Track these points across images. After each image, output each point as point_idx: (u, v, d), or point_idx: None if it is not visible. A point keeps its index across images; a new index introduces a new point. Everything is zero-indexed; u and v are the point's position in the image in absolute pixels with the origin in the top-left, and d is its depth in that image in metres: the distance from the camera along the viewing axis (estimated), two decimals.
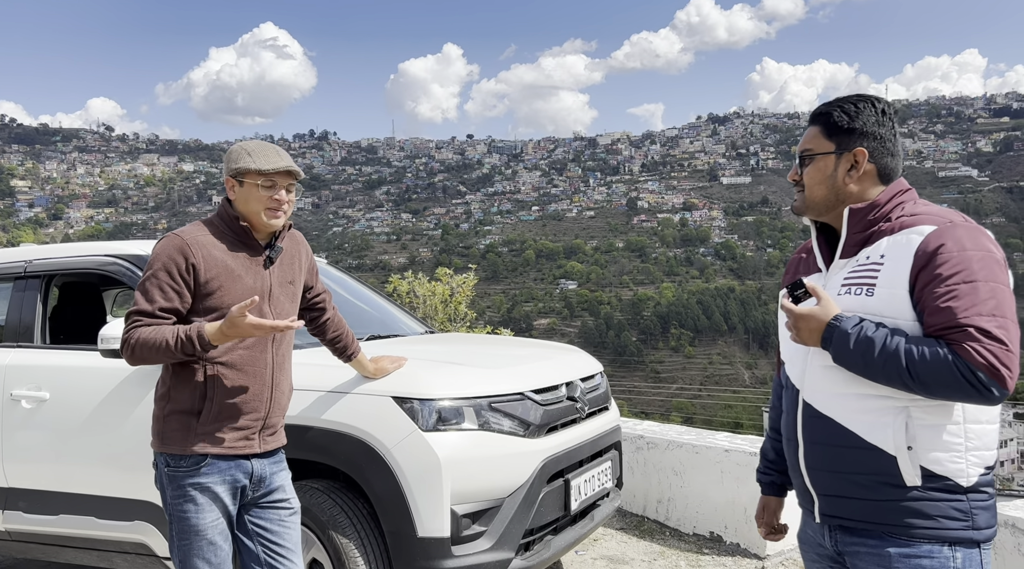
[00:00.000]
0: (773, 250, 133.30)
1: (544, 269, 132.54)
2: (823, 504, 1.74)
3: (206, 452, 2.26)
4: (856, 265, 1.72)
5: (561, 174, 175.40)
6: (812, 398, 1.75)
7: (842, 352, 1.64)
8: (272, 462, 2.43)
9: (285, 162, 2.32)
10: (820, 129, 1.82)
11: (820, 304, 1.69)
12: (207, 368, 2.27)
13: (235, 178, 2.33)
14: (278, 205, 2.32)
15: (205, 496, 2.27)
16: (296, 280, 2.50)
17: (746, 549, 4.31)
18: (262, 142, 2.39)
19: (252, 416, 2.33)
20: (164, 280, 2.23)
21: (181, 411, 2.28)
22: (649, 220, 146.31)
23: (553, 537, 3.31)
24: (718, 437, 4.73)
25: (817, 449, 1.73)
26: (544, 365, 3.54)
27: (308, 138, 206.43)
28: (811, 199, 1.82)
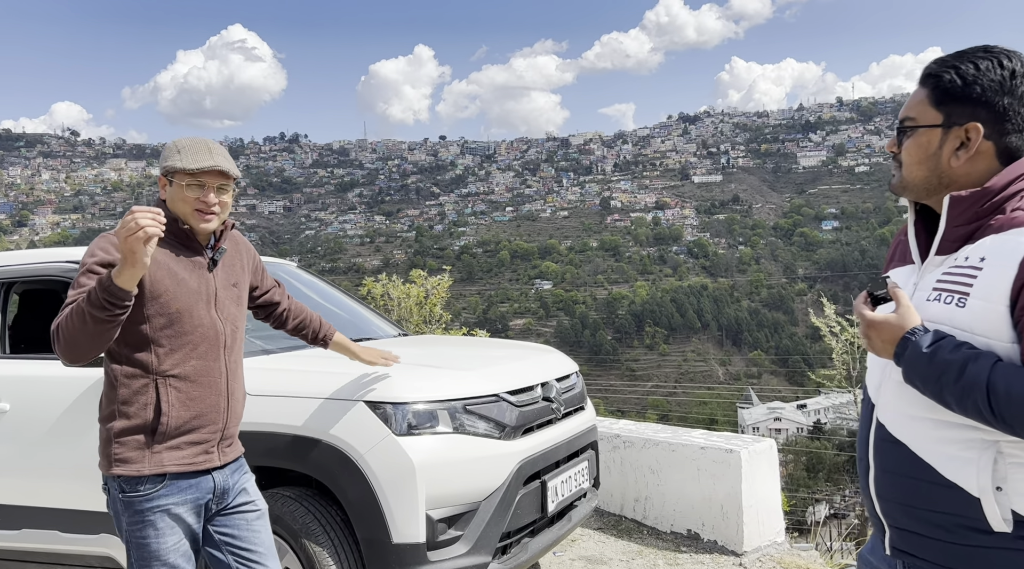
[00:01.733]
0: (744, 247, 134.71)
1: (519, 269, 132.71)
2: (895, 537, 1.50)
3: (164, 471, 2.09)
4: (953, 265, 1.42)
5: (534, 174, 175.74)
6: (885, 417, 1.50)
7: (913, 373, 1.38)
8: (232, 470, 2.30)
9: (215, 161, 2.14)
10: (927, 93, 1.47)
11: (899, 311, 1.42)
12: (158, 382, 2.11)
13: (165, 177, 2.18)
14: (206, 207, 2.15)
15: (166, 519, 2.11)
16: (240, 282, 2.37)
17: (724, 546, 4.32)
18: (197, 139, 2.21)
19: (210, 429, 2.19)
20: (96, 269, 2.04)
21: (133, 430, 2.10)
22: (622, 219, 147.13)
23: (530, 539, 3.28)
24: (694, 434, 4.73)
25: (888, 478, 1.48)
26: (519, 366, 3.51)
27: (279, 141, 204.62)
28: (908, 180, 1.51)
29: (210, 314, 2.21)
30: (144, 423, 2.11)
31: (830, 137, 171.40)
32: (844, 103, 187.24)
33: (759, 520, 4.30)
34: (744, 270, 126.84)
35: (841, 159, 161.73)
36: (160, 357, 2.12)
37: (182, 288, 2.15)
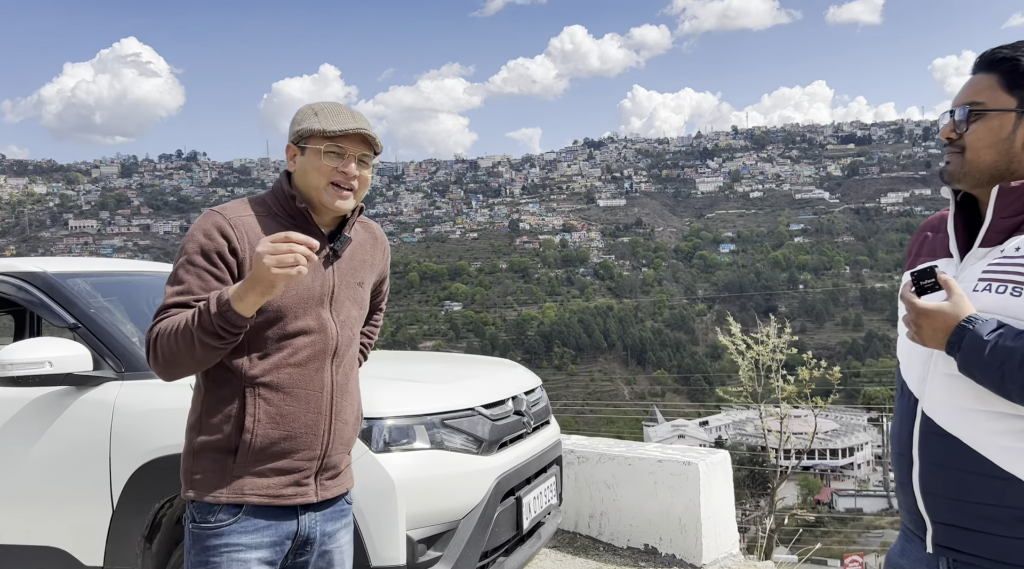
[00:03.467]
0: (647, 269, 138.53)
1: (428, 291, 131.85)
2: (939, 533, 1.47)
3: (241, 501, 1.72)
4: (1001, 257, 1.42)
5: (444, 196, 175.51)
6: (934, 411, 1.47)
7: (973, 361, 1.36)
8: (328, 517, 1.86)
9: (358, 123, 1.80)
10: (998, 78, 1.47)
11: (951, 300, 1.40)
12: (246, 391, 1.73)
13: (296, 144, 1.81)
14: (345, 179, 1.79)
15: (233, 564, 1.71)
16: (366, 281, 1.96)
17: (682, 560, 4.32)
18: (335, 102, 1.86)
19: (305, 454, 1.78)
20: (201, 264, 1.71)
21: (213, 447, 1.74)
22: (531, 241, 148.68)
23: (505, 559, 3.18)
24: (649, 448, 4.74)
25: (937, 472, 1.45)
26: (491, 379, 3.42)
27: (175, 158, 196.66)
28: (974, 164, 1.48)
29: (321, 315, 1.81)
30: (225, 440, 1.73)
31: (726, 164, 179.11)
32: (739, 131, 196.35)
33: (716, 532, 4.33)
34: (647, 291, 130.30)
35: (736, 185, 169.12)
36: (252, 360, 1.74)
37: (292, 283, 1.71)
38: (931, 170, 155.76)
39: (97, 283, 3.36)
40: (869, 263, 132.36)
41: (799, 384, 8.39)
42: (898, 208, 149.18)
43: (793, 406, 8.78)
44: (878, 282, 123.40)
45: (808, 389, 8.47)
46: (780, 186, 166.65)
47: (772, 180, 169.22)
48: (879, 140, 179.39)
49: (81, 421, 2.91)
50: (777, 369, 8.53)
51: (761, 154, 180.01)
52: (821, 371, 8.49)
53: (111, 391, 2.93)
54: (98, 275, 3.47)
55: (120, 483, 2.85)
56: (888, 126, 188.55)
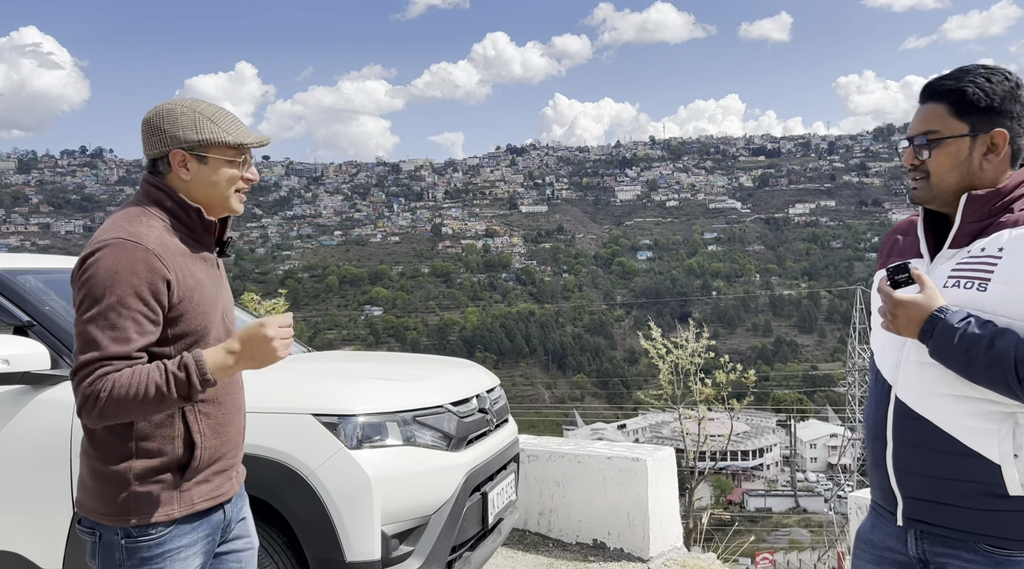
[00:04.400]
0: (568, 275, 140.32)
1: (348, 295, 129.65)
2: (909, 508, 1.62)
3: (196, 510, 1.76)
4: (967, 257, 1.58)
5: (364, 199, 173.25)
6: (906, 396, 1.61)
7: (943, 348, 1.50)
8: (238, 496, 1.96)
9: (258, 133, 1.85)
10: (948, 108, 1.62)
11: (924, 292, 1.55)
12: (186, 411, 1.75)
13: (193, 152, 1.77)
14: (247, 185, 1.85)
15: (176, 565, 1.75)
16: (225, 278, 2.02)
17: (630, 553, 4.47)
18: (220, 107, 1.84)
19: (234, 452, 1.88)
20: (137, 308, 1.62)
21: (158, 469, 1.72)
22: (453, 246, 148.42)
23: (471, 553, 3.25)
24: (598, 446, 4.87)
25: (910, 451, 1.60)
26: (455, 377, 3.48)
27: (79, 155, 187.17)
28: (941, 187, 1.63)
29: (225, 322, 1.86)
30: (173, 460, 1.73)
31: (644, 173, 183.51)
32: (656, 142, 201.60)
33: (662, 526, 4.50)
34: (568, 297, 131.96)
35: (654, 194, 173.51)
36: None
37: (204, 297, 1.77)
38: (835, 182, 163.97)
39: (49, 280, 3.24)
40: (778, 271, 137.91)
41: (716, 387, 8.66)
42: (805, 218, 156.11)
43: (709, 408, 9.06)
44: (786, 289, 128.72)
45: (725, 392, 8.74)
46: (695, 196, 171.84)
47: (687, 190, 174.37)
48: (787, 153, 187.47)
49: (40, 421, 2.82)
50: (695, 372, 8.77)
51: (677, 164, 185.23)
52: (737, 374, 8.77)
53: (71, 391, 2.84)
54: (49, 272, 3.35)
55: None
56: (796, 140, 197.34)
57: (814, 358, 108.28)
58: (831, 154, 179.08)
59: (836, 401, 67.62)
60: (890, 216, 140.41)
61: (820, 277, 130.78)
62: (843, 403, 52.22)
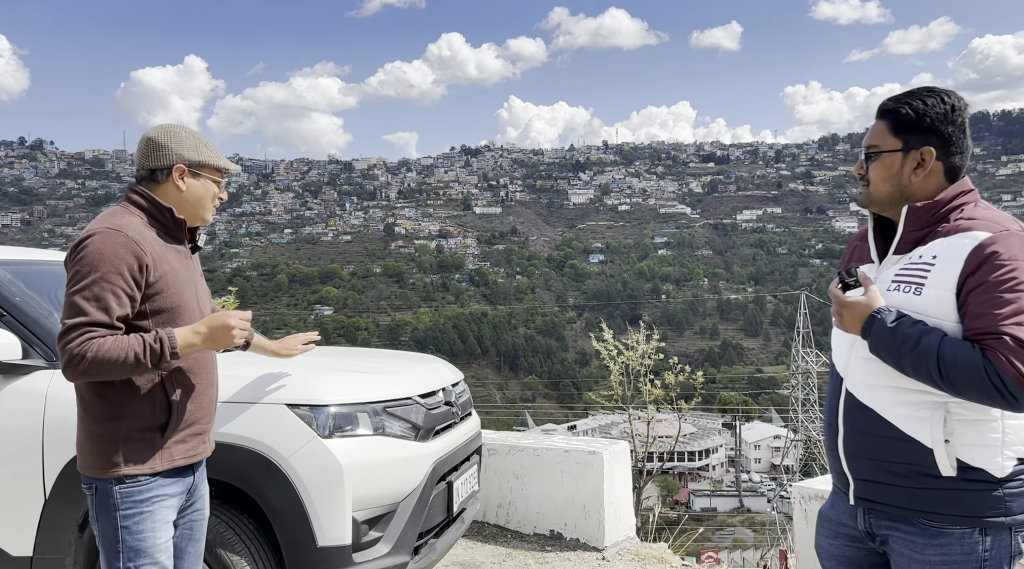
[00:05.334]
0: (521, 277, 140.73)
1: (298, 294, 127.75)
2: (859, 488, 1.80)
3: (175, 466, 2.15)
4: (908, 263, 1.75)
5: (316, 197, 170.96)
6: (854, 387, 1.80)
7: (878, 344, 1.68)
8: (200, 467, 2.35)
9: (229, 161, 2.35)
10: (887, 125, 1.80)
11: (867, 294, 1.74)
12: (164, 378, 2.13)
13: (191, 169, 2.22)
14: (220, 203, 2.33)
15: (162, 512, 2.13)
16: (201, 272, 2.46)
17: (586, 543, 4.63)
18: (194, 132, 2.30)
19: (206, 419, 2.28)
20: (118, 284, 2.01)
21: (143, 428, 2.11)
22: (406, 246, 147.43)
23: (436, 540, 3.36)
24: (555, 440, 5.03)
25: (857, 437, 1.78)
26: (423, 370, 3.59)
27: (18, 146, 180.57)
28: (875, 195, 1.82)
29: (199, 304, 2.27)
30: (153, 421, 2.12)
31: (597, 177, 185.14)
32: (609, 146, 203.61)
33: (617, 517, 4.68)
34: (521, 298, 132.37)
35: (606, 198, 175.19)
36: None
37: (178, 280, 2.18)
38: (782, 190, 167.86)
39: (18, 272, 3.25)
40: (725, 276, 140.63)
41: (666, 389, 8.85)
42: (752, 224, 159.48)
43: (658, 409, 9.25)
44: (733, 293, 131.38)
45: (674, 393, 8.95)
46: (646, 200, 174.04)
47: (639, 194, 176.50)
48: (736, 160, 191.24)
49: (11, 410, 2.84)
50: (645, 374, 8.95)
51: (629, 169, 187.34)
52: (686, 376, 8.97)
53: (42, 380, 2.88)
54: (15, 263, 3.35)
55: (54, 473, 2.81)
56: (744, 147, 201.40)
57: (759, 361, 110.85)
58: (778, 162, 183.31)
59: (780, 403, 69.29)
60: (834, 224, 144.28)
61: (766, 282, 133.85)
62: (787, 405, 53.51)
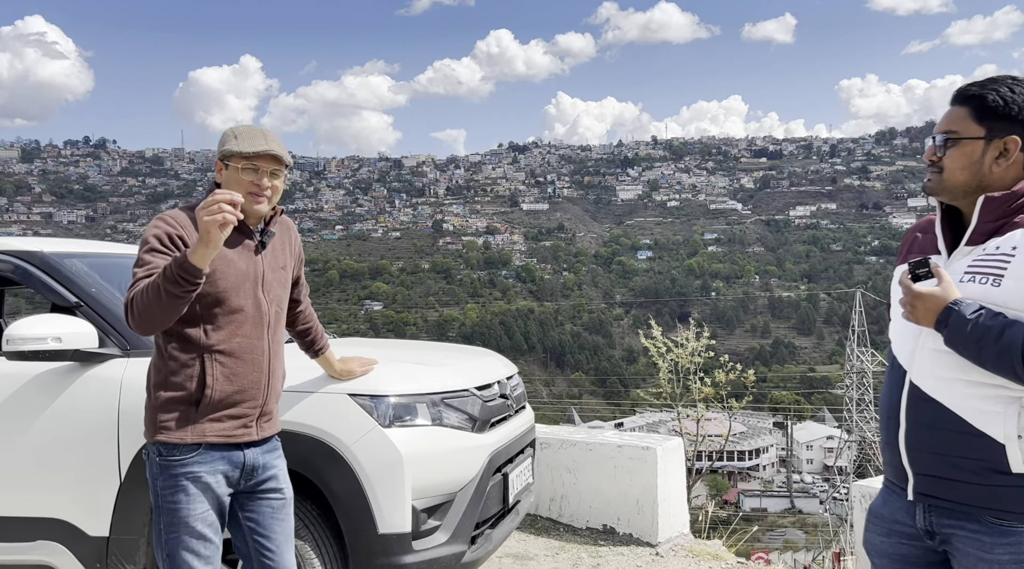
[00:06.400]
0: (568, 273, 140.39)
1: (348, 290, 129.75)
2: (919, 483, 1.76)
3: (202, 441, 2.22)
4: (983, 254, 1.71)
5: (366, 194, 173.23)
6: (920, 380, 1.75)
7: (956, 336, 1.65)
8: (265, 450, 2.39)
9: (269, 146, 2.29)
10: (970, 111, 1.76)
11: (942, 285, 1.69)
12: (204, 356, 2.23)
13: (222, 161, 2.32)
14: (259, 190, 2.30)
15: (196, 486, 2.22)
16: (287, 266, 2.49)
17: (639, 538, 4.63)
18: (251, 125, 2.39)
19: (250, 404, 2.31)
20: (160, 249, 2.19)
21: (178, 401, 2.23)
22: (454, 242, 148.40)
23: (492, 530, 3.40)
24: (608, 434, 5.03)
25: (921, 431, 1.74)
26: (479, 363, 3.64)
27: (83, 145, 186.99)
28: (950, 182, 1.77)
29: (256, 294, 2.32)
30: (189, 394, 2.22)
31: (645, 173, 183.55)
32: (658, 142, 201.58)
33: (670, 513, 4.66)
34: (567, 295, 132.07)
35: (655, 194, 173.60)
36: (208, 333, 2.24)
37: (231, 268, 2.26)
38: (836, 185, 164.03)
39: (93, 264, 3.40)
40: (777, 273, 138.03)
41: (715, 387, 8.74)
42: (805, 221, 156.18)
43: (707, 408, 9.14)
44: (785, 291, 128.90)
45: (724, 391, 8.83)
46: (696, 196, 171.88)
47: (688, 190, 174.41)
48: (789, 155, 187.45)
49: (89, 397, 2.97)
50: (695, 372, 8.86)
51: (679, 165, 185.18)
52: (736, 374, 8.85)
53: (117, 368, 3.00)
54: (93, 256, 3.50)
55: (128, 457, 2.93)
56: (798, 142, 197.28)
57: (812, 360, 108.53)
58: (833, 157, 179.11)
59: (833, 403, 67.78)
60: (891, 220, 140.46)
61: (819, 279, 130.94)
62: (840, 405, 52.36)
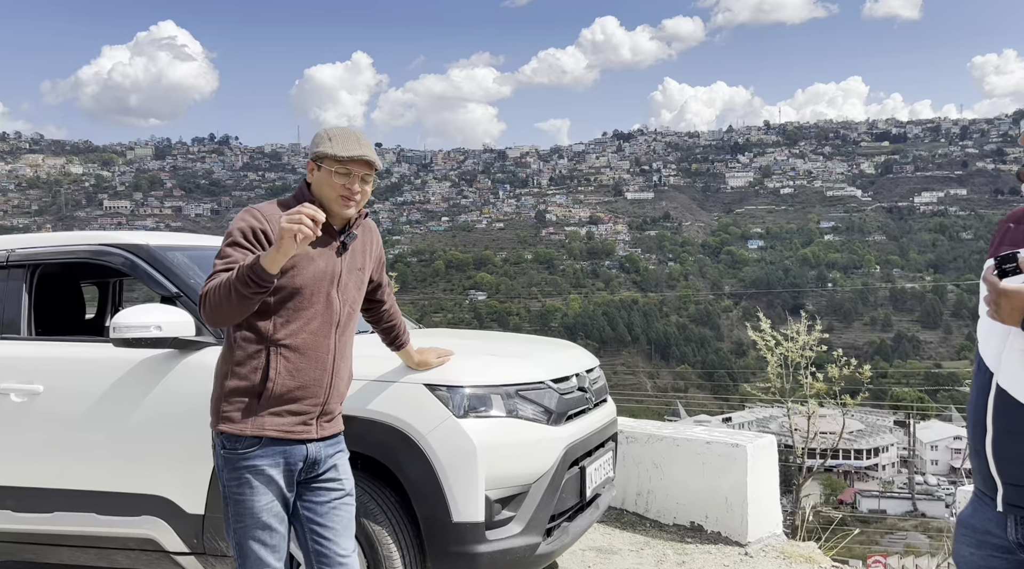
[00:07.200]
0: (674, 264, 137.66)
1: (454, 280, 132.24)
2: (1009, 493, 1.65)
3: (262, 434, 2.24)
4: None
5: (471, 185, 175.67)
6: (1008, 384, 1.63)
7: None
8: (328, 445, 2.40)
9: (363, 151, 2.30)
10: None
11: None
12: (270, 349, 2.26)
13: (314, 161, 2.34)
14: (350, 195, 2.32)
15: (259, 479, 2.25)
16: (365, 268, 2.51)
17: (728, 537, 4.50)
18: (346, 128, 2.39)
19: (311, 401, 2.31)
20: (243, 243, 2.23)
21: (241, 391, 2.25)
22: (557, 233, 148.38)
23: (569, 524, 3.39)
24: (697, 430, 4.92)
25: (1009, 438, 1.62)
26: (557, 356, 3.63)
27: (208, 142, 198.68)
28: None
29: (330, 293, 2.33)
30: (252, 386, 2.25)
31: (757, 159, 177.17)
32: (771, 127, 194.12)
33: (761, 512, 4.51)
34: (673, 286, 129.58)
35: (767, 181, 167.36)
36: (276, 326, 2.26)
37: (310, 266, 2.28)
38: (967, 170, 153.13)
39: (193, 256, 3.60)
40: (900, 263, 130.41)
41: (828, 382, 8.37)
42: (932, 208, 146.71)
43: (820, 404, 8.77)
44: (909, 282, 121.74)
45: (837, 387, 8.44)
46: (811, 183, 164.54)
47: (803, 176, 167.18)
48: (914, 138, 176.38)
49: (187, 382, 3.16)
50: (806, 366, 8.51)
51: (793, 150, 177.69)
52: (851, 369, 8.44)
53: (212, 355, 3.16)
54: (193, 249, 3.72)
55: None
56: (924, 124, 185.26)
57: (938, 355, 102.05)
58: (963, 139, 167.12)
59: (961, 402, 63.50)
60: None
61: (947, 270, 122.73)
62: None
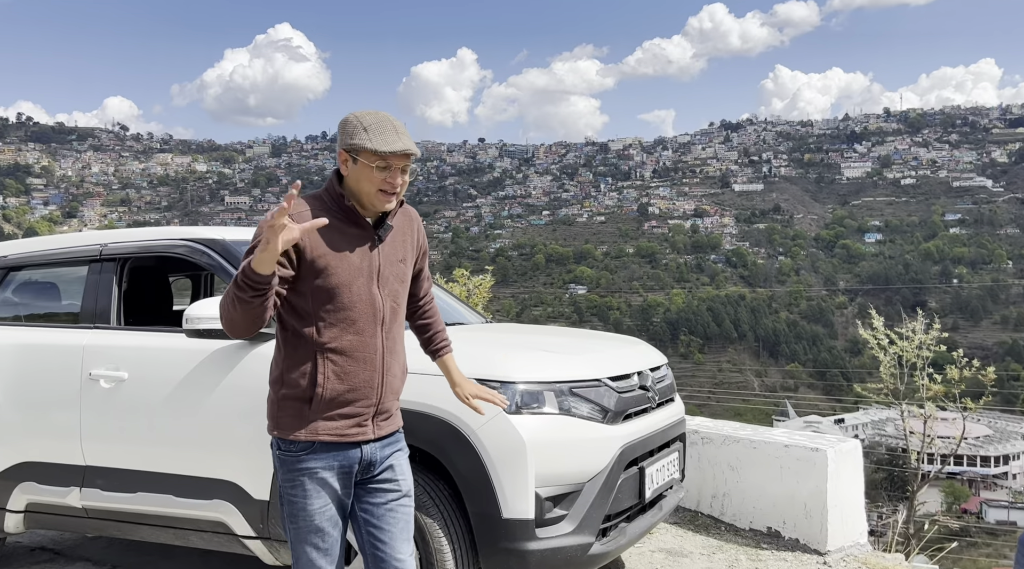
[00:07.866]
0: (784, 258, 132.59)
1: (554, 274, 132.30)
2: None
3: (316, 439, 2.17)
4: None
5: (572, 179, 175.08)
6: None
7: None
8: (385, 445, 2.29)
9: (404, 144, 2.14)
10: None
11: None
12: (317, 355, 2.16)
13: (349, 153, 2.16)
14: (392, 189, 2.17)
15: (313, 482, 2.18)
16: (407, 258, 2.35)
17: (806, 545, 4.30)
18: (379, 115, 2.18)
19: (364, 403, 2.22)
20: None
21: (294, 397, 2.18)
22: (660, 226, 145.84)
23: (627, 524, 3.33)
24: (775, 433, 4.72)
25: None
26: (617, 353, 3.56)
27: (321, 140, 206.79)
28: None
29: (371, 290, 2.21)
30: (302, 392, 2.17)
31: (876, 148, 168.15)
32: (891, 114, 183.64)
33: (843, 520, 4.28)
34: (783, 281, 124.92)
35: (887, 171, 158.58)
36: (319, 330, 2.16)
37: (343, 264, 2.16)
38: None
39: None
40: None
41: (947, 384, 7.84)
42: None
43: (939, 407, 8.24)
44: None
45: (958, 390, 7.90)
46: (936, 173, 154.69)
47: (927, 166, 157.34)
48: None
49: (254, 372, 3.29)
50: (923, 367, 8.01)
51: (915, 138, 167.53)
52: (973, 371, 7.88)
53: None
54: None
55: None
56: None
57: None
58: None
59: None
60: None
61: None
62: None
